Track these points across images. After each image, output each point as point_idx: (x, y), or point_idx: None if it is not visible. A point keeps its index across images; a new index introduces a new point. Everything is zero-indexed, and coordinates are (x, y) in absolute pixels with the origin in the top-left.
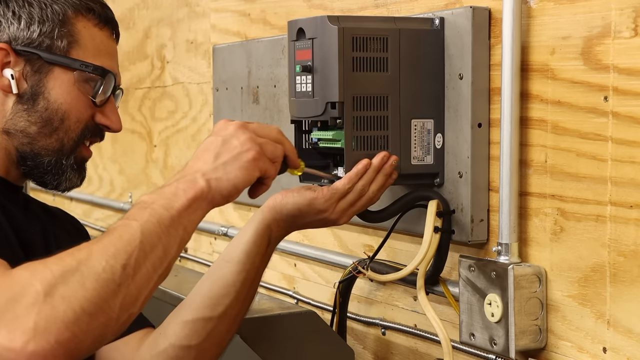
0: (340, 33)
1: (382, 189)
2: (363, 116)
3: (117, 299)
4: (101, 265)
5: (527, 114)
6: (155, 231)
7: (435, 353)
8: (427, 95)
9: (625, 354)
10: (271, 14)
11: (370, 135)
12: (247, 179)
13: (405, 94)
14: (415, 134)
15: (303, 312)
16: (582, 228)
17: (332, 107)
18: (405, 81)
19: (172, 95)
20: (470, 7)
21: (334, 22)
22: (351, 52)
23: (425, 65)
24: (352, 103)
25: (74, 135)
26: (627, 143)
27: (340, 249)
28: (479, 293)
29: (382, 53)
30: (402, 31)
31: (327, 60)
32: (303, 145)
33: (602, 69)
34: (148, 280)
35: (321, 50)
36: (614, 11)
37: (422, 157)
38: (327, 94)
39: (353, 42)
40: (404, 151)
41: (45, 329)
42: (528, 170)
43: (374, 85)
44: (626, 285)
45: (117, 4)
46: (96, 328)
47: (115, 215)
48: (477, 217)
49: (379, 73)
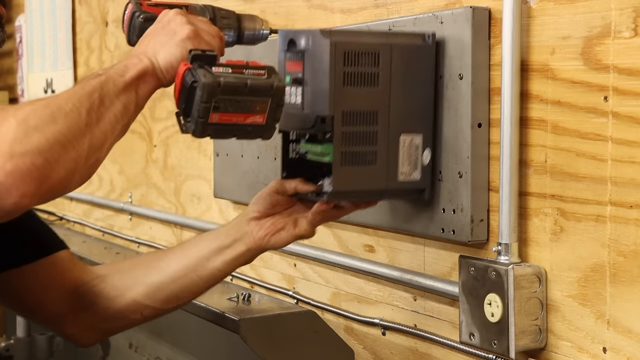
0: (332, 47)
1: None
2: (352, 131)
3: (84, 139)
4: (68, 107)
5: (527, 114)
6: (112, 89)
7: (435, 353)
8: (416, 111)
9: (625, 354)
10: (271, 14)
11: (359, 150)
12: (181, 54)
13: (395, 109)
14: (404, 150)
15: (303, 312)
16: (582, 228)
17: (322, 122)
18: (396, 96)
19: (172, 95)
20: (470, 7)
21: (326, 35)
22: (342, 67)
23: (416, 80)
24: (342, 118)
25: None
26: (627, 143)
27: (340, 249)
28: (479, 293)
29: (374, 68)
30: (394, 46)
31: (318, 74)
32: (290, 154)
33: (602, 69)
34: (111, 129)
35: (312, 64)
36: (614, 11)
37: (409, 173)
38: (317, 107)
39: (345, 57)
40: (391, 166)
41: (21, 153)
42: (528, 170)
43: (364, 100)
44: (626, 285)
45: (117, 4)
46: (67, 161)
47: (115, 215)
48: (477, 217)
49: (369, 88)
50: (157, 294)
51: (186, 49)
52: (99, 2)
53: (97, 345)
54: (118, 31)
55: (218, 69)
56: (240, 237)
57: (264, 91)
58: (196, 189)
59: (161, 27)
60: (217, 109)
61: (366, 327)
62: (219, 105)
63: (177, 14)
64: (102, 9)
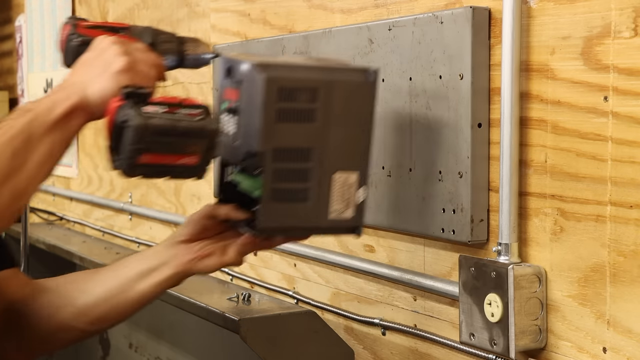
0: (266, 83)
1: None
2: (284, 168)
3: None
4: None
5: (527, 114)
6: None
7: (435, 353)
8: (354, 148)
9: (625, 354)
10: (271, 14)
11: (290, 187)
12: (114, 89)
13: (331, 146)
14: (337, 188)
15: (303, 312)
16: (582, 228)
17: (252, 157)
18: (333, 133)
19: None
20: (470, 7)
21: (262, 70)
22: (277, 103)
23: (355, 117)
24: (273, 155)
25: None
26: (627, 143)
27: (340, 249)
28: (479, 293)
29: (311, 104)
30: (334, 83)
31: (251, 108)
32: (224, 178)
33: (602, 69)
34: (36, 172)
35: (247, 96)
36: (614, 11)
37: (341, 211)
38: (248, 142)
39: (280, 93)
40: (322, 204)
41: None
42: (528, 170)
43: (299, 136)
44: (626, 285)
45: (117, 4)
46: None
47: (115, 215)
48: (477, 217)
49: (305, 124)
50: (85, 316)
51: (120, 82)
52: (99, 2)
53: (97, 345)
54: None
55: (150, 108)
56: (167, 260)
57: (196, 134)
58: (196, 189)
59: (95, 57)
60: (147, 150)
61: (366, 327)
62: (149, 146)
63: (112, 42)
64: (102, 9)
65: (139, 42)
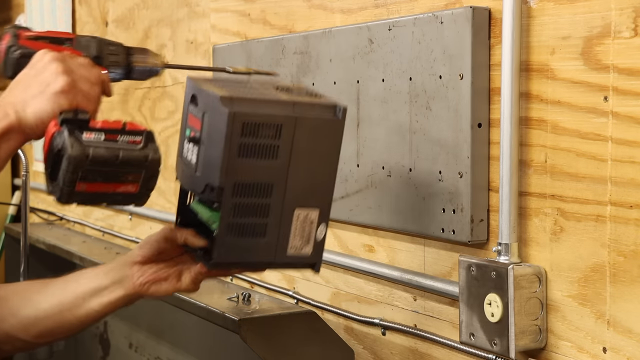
0: (230, 118)
1: None
2: (243, 203)
3: None
4: None
5: (526, 114)
6: None
7: (435, 353)
8: (316, 185)
9: (625, 354)
10: (271, 14)
11: (248, 222)
12: (52, 111)
13: (293, 183)
14: (297, 224)
15: (303, 312)
16: (582, 228)
17: (212, 190)
18: (295, 170)
19: (172, 95)
20: (470, 7)
21: (227, 104)
22: (240, 138)
23: (319, 155)
24: (233, 189)
25: None
26: (627, 143)
27: (340, 249)
28: (479, 293)
29: (274, 140)
30: (300, 120)
31: (214, 141)
32: (186, 201)
33: (602, 69)
34: None
35: (210, 128)
36: (614, 11)
37: (300, 247)
38: (209, 175)
39: (243, 128)
40: (281, 240)
41: None
42: (528, 170)
43: (260, 172)
44: (626, 285)
45: (117, 4)
46: None
47: (115, 215)
48: (477, 217)
49: (267, 160)
50: (31, 329)
51: (59, 104)
52: (99, 2)
53: (97, 346)
54: (118, 31)
55: (89, 134)
56: (119, 280)
57: (136, 164)
58: None
59: (34, 75)
60: (84, 178)
61: (366, 327)
62: (86, 175)
63: (52, 59)
64: (102, 9)
65: (83, 55)
